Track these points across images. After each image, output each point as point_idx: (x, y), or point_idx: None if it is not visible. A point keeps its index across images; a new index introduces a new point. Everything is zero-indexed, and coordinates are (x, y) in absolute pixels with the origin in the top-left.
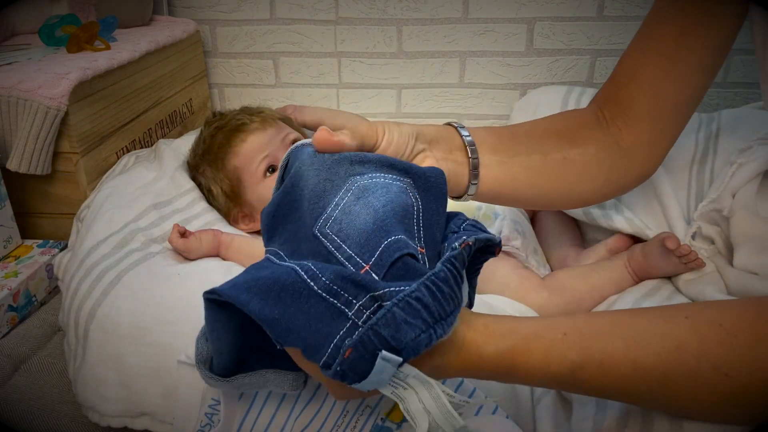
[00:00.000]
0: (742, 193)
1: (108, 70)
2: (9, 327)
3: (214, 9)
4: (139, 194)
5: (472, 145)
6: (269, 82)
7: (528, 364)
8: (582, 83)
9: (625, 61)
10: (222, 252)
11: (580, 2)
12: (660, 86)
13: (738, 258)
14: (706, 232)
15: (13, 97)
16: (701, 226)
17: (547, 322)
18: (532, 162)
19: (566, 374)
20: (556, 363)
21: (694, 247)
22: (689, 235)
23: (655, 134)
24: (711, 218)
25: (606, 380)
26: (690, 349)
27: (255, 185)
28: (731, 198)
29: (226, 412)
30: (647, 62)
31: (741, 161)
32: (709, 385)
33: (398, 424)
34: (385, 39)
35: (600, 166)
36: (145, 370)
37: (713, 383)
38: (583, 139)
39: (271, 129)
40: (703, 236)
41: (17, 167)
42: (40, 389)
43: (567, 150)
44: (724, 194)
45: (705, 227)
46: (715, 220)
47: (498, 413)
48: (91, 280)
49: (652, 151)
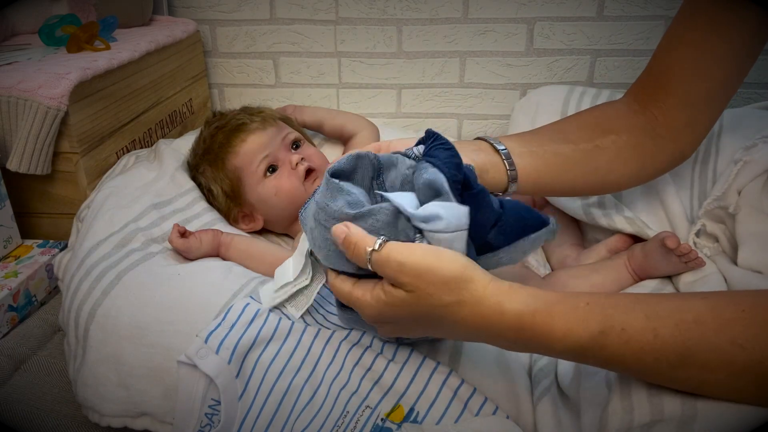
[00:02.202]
0: (747, 190)
1: (108, 70)
2: (9, 327)
3: (214, 9)
4: (139, 194)
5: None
6: (269, 82)
7: (548, 327)
8: (582, 83)
9: (659, 51)
10: (222, 252)
11: (580, 2)
12: (692, 75)
13: (743, 255)
14: (710, 229)
15: (13, 97)
16: (706, 223)
17: (570, 293)
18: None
19: (586, 341)
20: (578, 329)
21: (698, 245)
22: (693, 232)
23: (690, 121)
24: (716, 216)
25: (626, 349)
26: (708, 322)
27: (255, 185)
28: (737, 195)
29: (226, 412)
30: (679, 52)
31: (746, 159)
32: (726, 359)
33: (398, 425)
34: (385, 39)
35: (634, 152)
36: (145, 370)
37: (730, 356)
38: (616, 128)
39: (271, 129)
40: (708, 234)
41: (17, 167)
42: (40, 389)
43: (598, 139)
44: (729, 191)
45: (710, 225)
46: (721, 218)
47: (498, 414)
48: (91, 280)
49: (687, 137)
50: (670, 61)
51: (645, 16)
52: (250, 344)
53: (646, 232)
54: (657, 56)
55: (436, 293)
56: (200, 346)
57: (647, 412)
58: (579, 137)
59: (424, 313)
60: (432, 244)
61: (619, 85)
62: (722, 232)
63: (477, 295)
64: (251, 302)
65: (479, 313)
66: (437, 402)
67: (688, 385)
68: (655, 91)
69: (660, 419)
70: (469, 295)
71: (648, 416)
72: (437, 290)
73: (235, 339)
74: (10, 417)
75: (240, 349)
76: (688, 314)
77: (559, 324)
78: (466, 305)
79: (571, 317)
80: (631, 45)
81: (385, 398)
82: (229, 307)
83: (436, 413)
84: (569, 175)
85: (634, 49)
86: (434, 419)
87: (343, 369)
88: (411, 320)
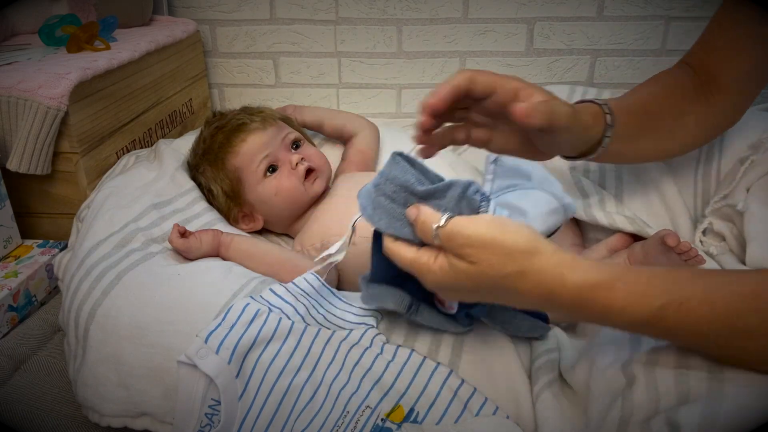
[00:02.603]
0: (756, 187)
1: (108, 70)
2: (9, 327)
3: (214, 9)
4: (139, 194)
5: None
6: (269, 82)
7: (608, 300)
8: (582, 83)
9: (714, 26)
10: (222, 252)
11: (580, 2)
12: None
13: (751, 253)
14: (717, 228)
15: (13, 97)
16: (713, 222)
17: (631, 268)
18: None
19: (646, 315)
20: (638, 303)
21: (704, 244)
22: (700, 230)
23: (739, 96)
24: (724, 214)
25: (684, 321)
26: (765, 296)
27: (255, 185)
28: (745, 192)
29: (226, 412)
30: (730, 30)
31: (755, 157)
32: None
33: (398, 425)
34: (385, 39)
35: (698, 125)
36: (145, 370)
37: None
38: (686, 105)
39: (271, 129)
40: (715, 232)
41: (17, 167)
42: (40, 389)
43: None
44: (737, 189)
45: (717, 223)
46: (728, 216)
47: (498, 414)
48: (91, 280)
49: (736, 109)
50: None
51: (645, 16)
52: (250, 344)
53: (647, 231)
54: (712, 30)
55: (499, 264)
56: (200, 346)
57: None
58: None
59: (485, 284)
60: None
61: (619, 85)
62: (729, 231)
63: (539, 266)
64: (251, 302)
65: (540, 283)
66: (437, 402)
67: (738, 358)
68: (709, 69)
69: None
70: (531, 266)
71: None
72: (500, 261)
73: (235, 339)
74: (10, 417)
75: (240, 349)
76: (746, 288)
77: (619, 298)
78: (528, 276)
79: (631, 292)
80: (631, 45)
81: (385, 398)
82: (229, 307)
83: (436, 413)
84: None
85: (634, 49)
86: (434, 419)
87: (343, 369)
88: (472, 289)
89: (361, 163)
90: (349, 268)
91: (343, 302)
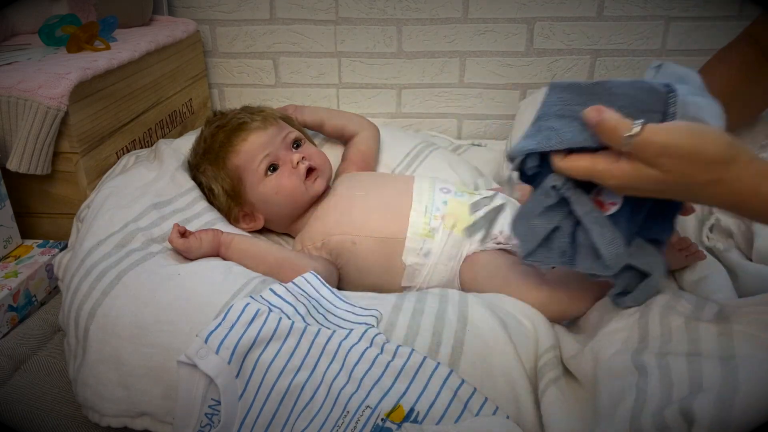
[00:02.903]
0: None
1: (108, 70)
2: (9, 327)
3: (214, 9)
4: (139, 194)
5: None
6: (269, 82)
7: None
8: None
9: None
10: (222, 252)
11: (580, 2)
12: None
13: (758, 247)
14: (724, 224)
15: (13, 97)
16: (720, 218)
17: None
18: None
19: None
20: None
21: (711, 240)
22: (707, 227)
23: None
24: None
25: None
26: None
27: (256, 184)
28: None
29: (226, 412)
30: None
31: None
32: None
33: (398, 425)
34: (385, 39)
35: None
36: (145, 370)
37: None
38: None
39: (272, 128)
40: (722, 228)
41: (17, 167)
42: (40, 389)
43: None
44: None
45: (724, 219)
46: None
47: (498, 414)
48: (91, 280)
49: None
50: None
51: (645, 16)
52: (250, 344)
53: None
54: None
55: (696, 173)
56: (200, 346)
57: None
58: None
59: (672, 188)
60: (688, 116)
61: None
62: (737, 227)
63: (736, 174)
64: (251, 302)
65: (733, 192)
66: (437, 402)
67: None
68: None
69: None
70: (728, 175)
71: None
72: (697, 170)
73: (235, 339)
74: (10, 417)
75: (240, 349)
76: None
77: None
78: (723, 184)
79: None
80: (631, 45)
81: (386, 398)
82: (229, 307)
83: (436, 413)
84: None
85: (634, 49)
86: (434, 419)
87: (343, 369)
88: (655, 191)
89: (361, 163)
90: (349, 268)
91: (344, 302)
